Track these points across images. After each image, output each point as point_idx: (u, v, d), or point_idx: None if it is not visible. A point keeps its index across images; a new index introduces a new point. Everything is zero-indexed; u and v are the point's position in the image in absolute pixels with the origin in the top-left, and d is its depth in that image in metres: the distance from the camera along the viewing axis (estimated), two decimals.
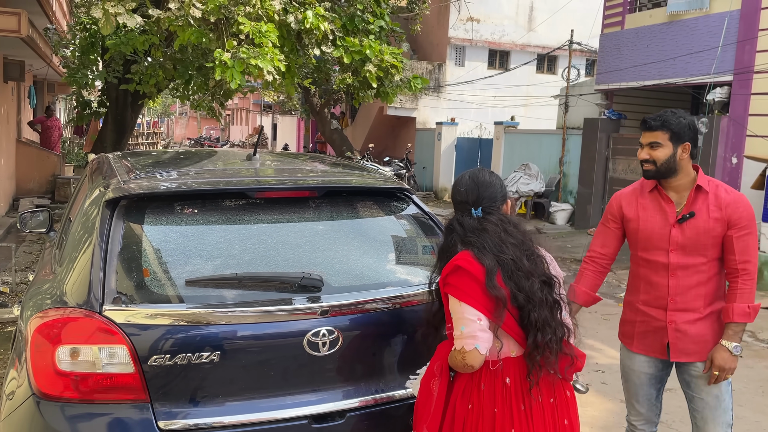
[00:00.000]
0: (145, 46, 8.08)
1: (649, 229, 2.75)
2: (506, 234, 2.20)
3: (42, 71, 14.10)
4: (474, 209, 2.25)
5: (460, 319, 2.08)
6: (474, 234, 2.19)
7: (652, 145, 2.69)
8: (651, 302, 2.78)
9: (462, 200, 2.30)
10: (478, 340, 2.04)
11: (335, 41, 7.76)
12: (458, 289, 2.11)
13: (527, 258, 2.19)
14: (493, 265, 2.12)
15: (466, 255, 2.15)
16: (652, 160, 2.69)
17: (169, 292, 2.24)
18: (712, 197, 2.66)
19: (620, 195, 2.92)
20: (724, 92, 10.31)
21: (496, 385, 2.12)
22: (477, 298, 2.08)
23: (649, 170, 2.71)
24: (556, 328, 2.14)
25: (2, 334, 5.36)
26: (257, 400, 2.23)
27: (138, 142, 28.46)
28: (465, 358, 2.06)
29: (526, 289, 2.13)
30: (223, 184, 2.62)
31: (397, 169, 17.95)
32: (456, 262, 2.14)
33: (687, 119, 2.67)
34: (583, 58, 21.15)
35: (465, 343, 2.05)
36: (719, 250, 2.68)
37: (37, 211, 4.04)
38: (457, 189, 2.33)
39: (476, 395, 2.13)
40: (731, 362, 2.62)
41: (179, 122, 60.77)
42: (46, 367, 2.09)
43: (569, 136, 14.18)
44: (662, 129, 2.66)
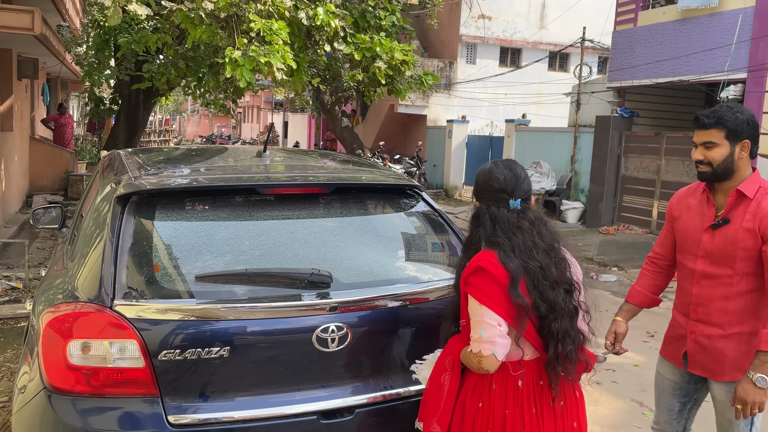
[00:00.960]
0: (158, 44, 8.12)
1: (686, 230, 2.59)
2: (539, 236, 2.10)
3: (55, 69, 14.20)
4: (512, 200, 2.13)
5: (479, 323, 2.02)
6: (506, 231, 2.07)
7: (706, 145, 2.43)
8: (679, 308, 2.65)
9: (499, 188, 2.14)
10: (497, 346, 2.00)
11: (346, 38, 7.77)
12: (479, 291, 2.03)
13: (555, 265, 2.09)
14: (519, 272, 2.03)
15: (490, 256, 2.06)
16: (707, 161, 2.43)
17: (179, 288, 2.25)
18: (754, 205, 2.39)
19: (678, 193, 2.74)
20: (737, 90, 10.22)
21: (508, 387, 2.09)
22: (499, 303, 2.01)
23: (704, 172, 2.47)
24: (575, 338, 2.08)
25: (15, 329, 5.41)
26: (266, 395, 2.23)
27: (150, 139, 28.64)
28: (481, 363, 2.02)
29: (550, 300, 2.05)
30: (234, 180, 2.63)
31: (407, 167, 17.94)
32: (479, 263, 2.05)
33: (745, 114, 2.42)
34: (596, 55, 21.03)
35: (483, 348, 2.00)
36: (753, 265, 2.40)
37: (50, 207, 4.07)
38: (492, 176, 2.16)
39: (487, 394, 2.09)
40: (755, 395, 2.30)
41: (191, 120, 61.03)
42: (57, 362, 2.10)
43: (581, 134, 14.10)
44: (717, 126, 2.41)
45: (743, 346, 2.45)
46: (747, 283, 2.42)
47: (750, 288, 2.43)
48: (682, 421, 2.76)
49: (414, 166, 18.32)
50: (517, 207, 2.12)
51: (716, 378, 2.53)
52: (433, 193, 18.13)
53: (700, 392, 2.70)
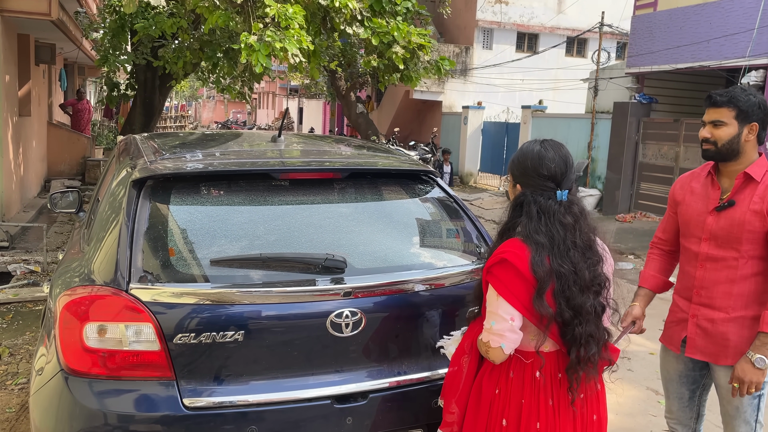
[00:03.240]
0: (173, 29, 8.12)
1: (689, 214, 2.57)
2: (579, 234, 2.00)
3: (72, 54, 14.29)
4: (560, 191, 2.02)
5: (493, 314, 1.99)
6: (549, 227, 1.96)
7: (715, 124, 2.44)
8: (680, 292, 2.64)
9: (549, 176, 2.02)
10: (505, 340, 1.97)
11: (363, 22, 7.71)
12: (500, 282, 1.98)
13: (589, 267, 1.99)
14: (549, 279, 1.93)
15: (520, 250, 1.96)
16: (713, 140, 2.44)
17: (195, 272, 2.26)
18: (762, 188, 2.39)
19: (680, 177, 2.73)
20: (759, 76, 10.04)
21: (526, 377, 2.04)
22: (519, 297, 1.95)
23: (708, 150, 2.47)
24: (599, 339, 2.01)
25: (34, 312, 5.49)
26: (281, 379, 2.24)
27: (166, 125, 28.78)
28: (488, 353, 2.01)
29: (577, 305, 1.96)
30: (248, 165, 2.63)
31: (422, 154, 17.88)
32: (504, 255, 1.97)
33: (758, 98, 2.41)
34: (614, 40, 20.77)
35: (491, 339, 1.99)
36: (759, 248, 2.40)
37: (67, 191, 4.10)
38: (543, 161, 2.03)
39: (504, 382, 2.06)
40: (752, 375, 2.35)
41: (207, 106, 61.23)
42: (74, 344, 2.12)
43: (598, 121, 13.96)
44: (728, 106, 2.40)
45: (746, 331, 2.44)
46: (752, 266, 2.42)
47: (755, 272, 2.43)
48: (694, 408, 2.75)
49: (429, 152, 18.26)
50: (563, 199, 2.02)
51: (718, 362, 2.51)
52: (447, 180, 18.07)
53: (706, 378, 2.69)
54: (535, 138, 2.16)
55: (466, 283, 2.53)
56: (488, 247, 2.16)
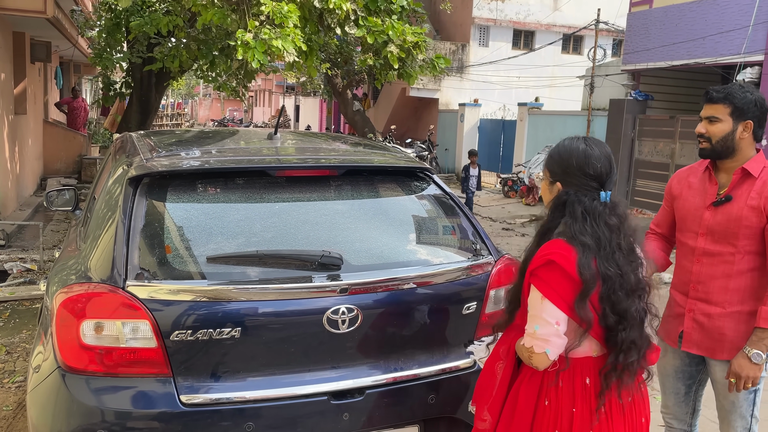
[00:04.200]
0: (169, 26, 8.11)
1: (686, 209, 2.58)
2: (623, 236, 1.94)
3: (68, 52, 14.24)
4: (604, 192, 1.96)
5: (537, 317, 1.91)
6: (595, 229, 1.90)
7: (710, 120, 2.43)
8: (677, 286, 2.65)
9: (594, 175, 1.95)
10: (550, 345, 1.89)
11: (358, 21, 7.71)
12: (545, 284, 1.89)
13: (633, 271, 1.94)
14: (594, 282, 1.87)
15: (566, 251, 1.89)
16: (707, 135, 2.45)
17: (191, 269, 2.26)
18: (759, 184, 2.40)
19: (678, 172, 2.74)
20: (754, 72, 10.07)
21: (576, 385, 1.97)
22: (565, 298, 1.88)
23: (704, 148, 2.47)
24: (641, 346, 1.95)
25: (31, 310, 5.48)
26: (278, 376, 2.25)
27: (162, 123, 28.72)
28: (531, 359, 1.92)
29: (622, 310, 1.90)
30: (245, 162, 2.63)
31: (419, 151, 17.90)
32: (551, 257, 1.89)
33: (755, 95, 2.41)
34: (610, 38, 20.79)
35: (535, 345, 1.90)
36: (756, 243, 2.41)
37: (63, 189, 4.10)
38: (589, 160, 1.95)
39: (554, 392, 1.97)
40: (749, 370, 2.35)
41: (203, 103, 61.12)
42: (71, 341, 2.13)
43: (594, 118, 13.99)
44: (724, 102, 2.41)
45: (742, 326, 2.45)
46: (748, 261, 2.42)
47: (751, 267, 2.43)
48: (690, 403, 2.76)
49: (426, 150, 18.27)
50: (607, 200, 1.95)
51: (714, 356, 2.52)
52: (444, 177, 18.08)
53: (702, 373, 2.70)
54: (576, 135, 2.06)
55: (462, 280, 2.54)
56: (528, 248, 2.06)
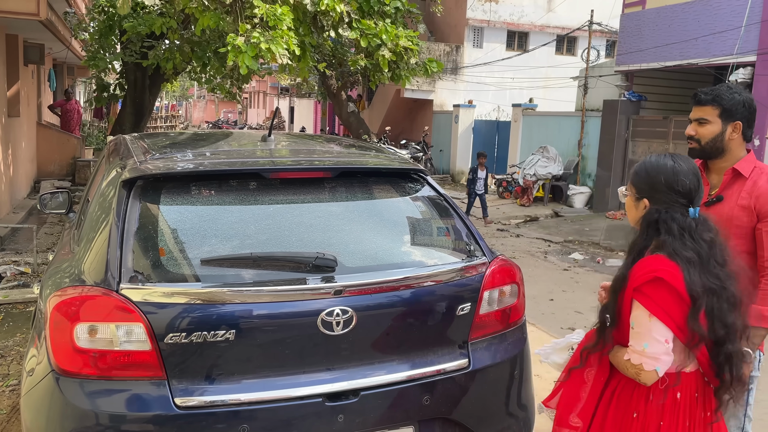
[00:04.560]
0: (163, 29, 8.11)
1: None
2: (719, 250, 1.95)
3: (61, 54, 14.21)
4: (692, 208, 1.96)
5: (645, 335, 1.91)
6: (694, 243, 1.92)
7: (699, 121, 2.47)
8: None
9: (683, 192, 1.96)
10: (660, 363, 1.91)
11: (351, 23, 7.72)
12: (653, 302, 1.89)
13: (732, 285, 1.94)
14: (703, 296, 1.88)
15: (671, 267, 1.90)
16: (697, 137, 2.48)
17: (185, 271, 2.26)
18: (750, 184, 2.43)
19: None
20: (747, 73, 10.12)
21: (667, 399, 1.99)
22: (673, 316, 1.89)
23: (693, 149, 2.50)
24: (743, 358, 1.98)
25: (24, 314, 5.46)
26: (272, 378, 2.25)
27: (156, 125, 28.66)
28: (640, 376, 1.94)
29: (729, 323, 1.91)
30: (239, 164, 2.63)
31: (413, 152, 17.92)
32: (658, 274, 1.89)
33: (742, 96, 2.44)
34: (603, 39, 20.85)
35: (645, 363, 1.91)
36: (747, 243, 2.44)
37: (57, 192, 4.09)
38: (678, 178, 1.96)
39: (643, 405, 2.00)
40: None
41: (197, 105, 61.01)
42: (64, 344, 2.12)
43: (588, 119, 14.03)
44: (712, 104, 2.44)
45: None
46: (742, 261, 2.43)
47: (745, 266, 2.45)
48: None
49: (420, 151, 18.29)
50: (695, 216, 1.96)
51: None
52: (439, 179, 18.11)
53: None
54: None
55: (457, 281, 2.54)
56: (622, 267, 2.05)
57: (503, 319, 2.66)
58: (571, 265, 8.81)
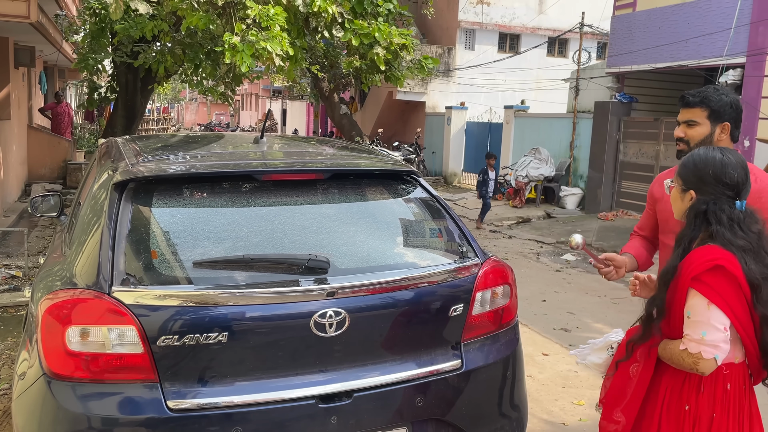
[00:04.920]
0: (154, 31, 8.09)
1: (668, 211, 2.55)
2: (765, 241, 1.98)
3: (52, 57, 14.14)
4: (740, 201, 1.98)
5: (703, 323, 1.92)
6: (745, 234, 1.95)
7: (688, 123, 2.50)
8: None
9: (731, 185, 1.98)
10: (720, 350, 1.91)
11: (344, 24, 7.73)
12: (712, 291, 1.91)
13: None
14: (763, 281, 1.91)
15: (728, 255, 1.93)
16: (686, 139, 2.50)
17: (178, 274, 2.25)
18: None
19: (659, 175, 2.80)
20: (736, 74, 10.19)
21: (717, 390, 2.01)
22: (732, 306, 1.91)
23: (682, 150, 2.51)
24: None
25: (16, 317, 5.43)
26: (265, 380, 2.25)
27: (148, 127, 28.57)
28: (698, 365, 1.93)
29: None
30: (231, 166, 2.63)
31: (406, 154, 17.93)
32: (717, 261, 1.92)
33: (729, 97, 2.47)
34: (594, 40, 20.95)
35: (704, 351, 1.91)
36: None
37: (48, 195, 4.07)
38: (726, 170, 1.99)
39: (695, 397, 2.02)
40: None
41: (189, 108, 60.86)
42: (56, 348, 2.11)
43: (580, 120, 14.08)
44: (701, 106, 2.47)
45: None
46: None
47: None
48: None
49: (413, 153, 18.31)
50: (742, 209, 1.99)
51: None
52: (432, 180, 18.13)
53: None
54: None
55: (449, 282, 2.55)
56: (673, 258, 2.06)
57: (496, 319, 2.67)
58: (564, 266, 8.84)
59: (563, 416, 4.15)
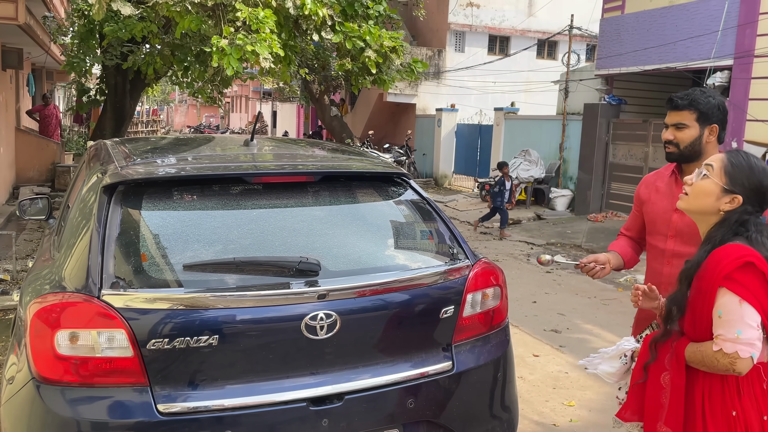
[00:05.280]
0: (144, 32, 8.06)
1: (655, 212, 2.64)
2: None
3: (40, 59, 14.05)
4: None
5: (737, 322, 1.90)
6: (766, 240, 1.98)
7: (677, 126, 2.51)
8: None
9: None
10: (755, 348, 1.89)
11: (334, 27, 7.73)
12: (744, 288, 1.90)
13: None
14: None
15: (755, 252, 1.94)
16: (675, 142, 2.51)
17: (168, 277, 2.25)
18: None
19: (645, 177, 2.81)
20: (724, 77, 10.27)
21: (756, 391, 1.99)
22: (761, 301, 1.91)
23: (671, 153, 2.53)
24: None
25: (3, 321, 5.39)
26: (256, 383, 2.24)
27: (137, 129, 28.44)
28: (735, 365, 1.90)
29: None
30: (221, 169, 2.63)
31: (397, 156, 17.94)
32: (748, 258, 1.92)
33: (717, 99, 2.49)
34: (584, 43, 21.06)
35: (740, 350, 1.88)
36: None
37: (36, 198, 4.04)
38: None
39: (738, 402, 1.98)
40: None
41: (179, 110, 60.63)
42: (45, 352, 2.10)
43: (569, 122, 14.14)
44: (689, 108, 2.49)
45: None
46: None
47: None
48: None
49: (404, 155, 18.32)
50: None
51: None
52: (422, 182, 18.15)
53: None
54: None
55: (440, 284, 2.55)
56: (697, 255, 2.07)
57: (486, 321, 2.68)
58: (554, 268, 8.87)
59: (554, 417, 4.16)
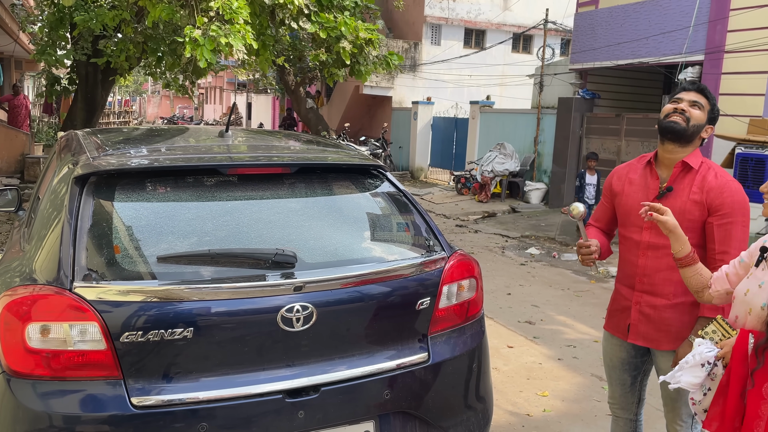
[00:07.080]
0: (115, 21, 7.92)
1: (629, 204, 2.65)
2: None
3: (9, 48, 13.75)
4: None
5: None
6: None
7: (694, 103, 2.54)
8: (623, 280, 2.72)
9: None
10: None
11: (310, 16, 7.68)
12: None
13: None
14: None
15: None
16: (688, 115, 2.52)
17: (141, 269, 2.22)
18: (699, 178, 2.51)
19: (616, 169, 2.82)
20: (695, 71, 10.44)
21: None
22: None
23: (677, 123, 2.51)
24: None
25: None
26: (232, 375, 2.23)
27: (109, 120, 28.00)
28: None
29: None
30: (195, 160, 2.60)
31: (373, 149, 17.92)
32: None
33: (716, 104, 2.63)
34: (558, 37, 21.21)
35: None
36: (698, 237, 2.50)
37: (5, 190, 3.97)
38: None
39: None
40: None
41: (152, 101, 59.80)
42: (16, 345, 2.06)
43: (544, 116, 14.26)
44: (707, 98, 2.57)
45: (686, 316, 2.55)
46: None
47: None
48: (636, 393, 2.86)
49: (380, 147, 18.31)
50: None
51: (659, 347, 2.62)
52: (398, 175, 18.17)
53: (647, 363, 2.80)
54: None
55: (416, 276, 2.56)
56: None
57: (462, 312, 2.70)
58: (528, 260, 8.96)
59: (528, 407, 4.21)
